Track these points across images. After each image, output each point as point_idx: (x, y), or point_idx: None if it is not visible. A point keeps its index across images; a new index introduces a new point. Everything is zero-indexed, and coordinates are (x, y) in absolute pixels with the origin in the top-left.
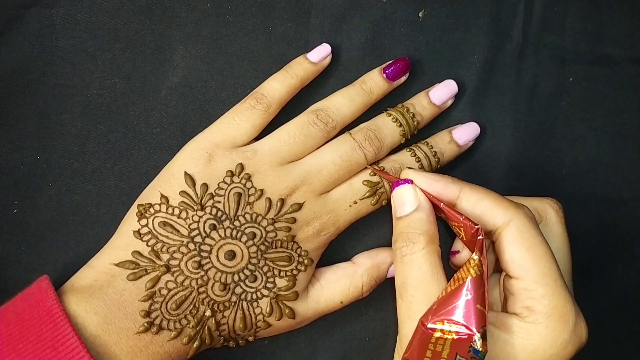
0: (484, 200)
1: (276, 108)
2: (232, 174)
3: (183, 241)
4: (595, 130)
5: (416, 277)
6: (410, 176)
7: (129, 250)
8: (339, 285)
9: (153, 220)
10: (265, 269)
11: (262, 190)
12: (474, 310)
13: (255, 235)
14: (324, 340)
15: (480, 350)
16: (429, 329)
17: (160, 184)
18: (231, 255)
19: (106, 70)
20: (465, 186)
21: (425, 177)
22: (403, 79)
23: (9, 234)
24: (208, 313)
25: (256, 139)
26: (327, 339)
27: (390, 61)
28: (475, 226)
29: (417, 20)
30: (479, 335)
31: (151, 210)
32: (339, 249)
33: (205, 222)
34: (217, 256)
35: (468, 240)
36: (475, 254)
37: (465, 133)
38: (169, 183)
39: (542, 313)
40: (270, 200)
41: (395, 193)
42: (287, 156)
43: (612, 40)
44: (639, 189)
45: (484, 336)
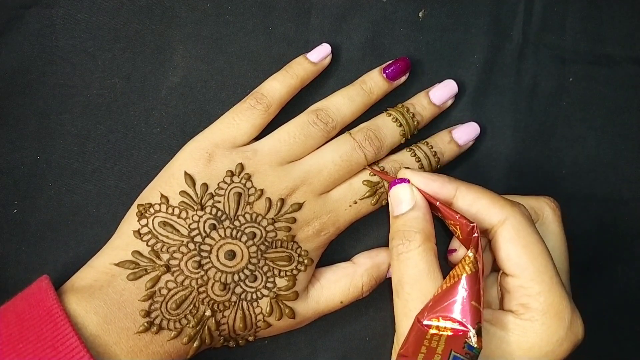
0: (480, 199)
1: (276, 108)
2: (232, 174)
3: (183, 241)
4: (595, 130)
5: (412, 275)
6: (407, 175)
7: (129, 250)
8: (339, 285)
9: (153, 220)
10: (265, 268)
11: (262, 190)
12: (469, 306)
13: (255, 235)
14: (324, 340)
15: (475, 346)
16: (424, 326)
17: (160, 184)
18: (231, 255)
19: (106, 70)
20: (461, 185)
21: (421, 177)
22: (403, 79)
23: (9, 234)
24: (208, 313)
25: (256, 139)
26: (327, 339)
27: (390, 61)
28: (471, 224)
29: (417, 20)
30: (474, 331)
31: (151, 210)
32: (339, 249)
33: (205, 222)
34: (217, 256)
35: (464, 238)
36: (470, 251)
37: (465, 133)
38: (169, 183)
39: (538, 310)
40: (270, 200)
41: (392, 192)
42: (287, 156)
43: (612, 40)
44: (639, 189)
45: (479, 332)
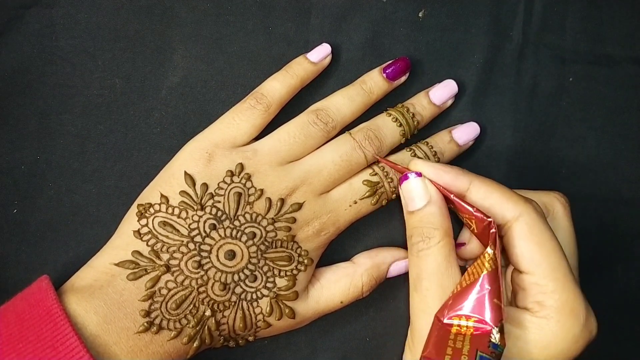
0: (493, 193)
1: (276, 108)
2: (232, 174)
3: (183, 241)
4: (595, 130)
5: (431, 270)
6: (419, 167)
7: (129, 250)
8: (339, 285)
9: (153, 220)
10: (265, 268)
11: (262, 190)
12: (490, 304)
13: (255, 235)
14: (324, 340)
15: (499, 344)
16: (445, 325)
17: (160, 184)
18: (231, 255)
19: (106, 70)
20: (475, 178)
21: (434, 169)
22: (403, 79)
23: (9, 234)
24: (208, 313)
25: (256, 139)
26: (327, 339)
27: (390, 61)
28: (488, 219)
29: (417, 20)
30: (497, 329)
31: (151, 210)
32: (339, 249)
33: (205, 222)
34: (217, 256)
35: (479, 232)
36: (489, 248)
37: (465, 133)
38: (169, 183)
39: (553, 308)
40: (270, 200)
41: (405, 187)
42: (287, 156)
43: (612, 40)
44: (639, 189)
45: (501, 330)
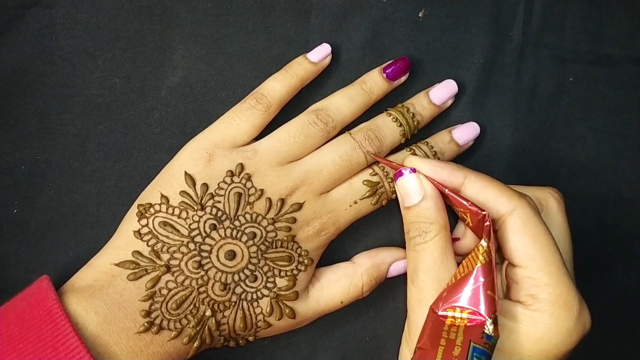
0: (488, 188)
1: (276, 108)
2: (232, 174)
3: (183, 241)
4: (595, 130)
5: (427, 264)
6: (414, 163)
7: (129, 250)
8: (339, 285)
9: (153, 220)
10: (266, 268)
11: (262, 190)
12: (484, 296)
13: (255, 235)
14: (324, 340)
15: (493, 335)
16: (440, 316)
17: (161, 184)
18: (231, 255)
19: (106, 70)
20: (469, 173)
21: (429, 164)
22: (403, 79)
23: (9, 234)
24: (208, 313)
25: (256, 139)
26: (327, 339)
27: (390, 61)
28: (482, 212)
29: (417, 20)
30: (490, 320)
31: (151, 210)
32: (339, 249)
33: (205, 222)
34: (218, 256)
35: (474, 226)
36: (483, 241)
37: (465, 133)
38: (169, 183)
39: (547, 301)
40: (270, 200)
41: (400, 183)
42: (287, 156)
43: (612, 40)
44: (639, 189)
45: (495, 322)
